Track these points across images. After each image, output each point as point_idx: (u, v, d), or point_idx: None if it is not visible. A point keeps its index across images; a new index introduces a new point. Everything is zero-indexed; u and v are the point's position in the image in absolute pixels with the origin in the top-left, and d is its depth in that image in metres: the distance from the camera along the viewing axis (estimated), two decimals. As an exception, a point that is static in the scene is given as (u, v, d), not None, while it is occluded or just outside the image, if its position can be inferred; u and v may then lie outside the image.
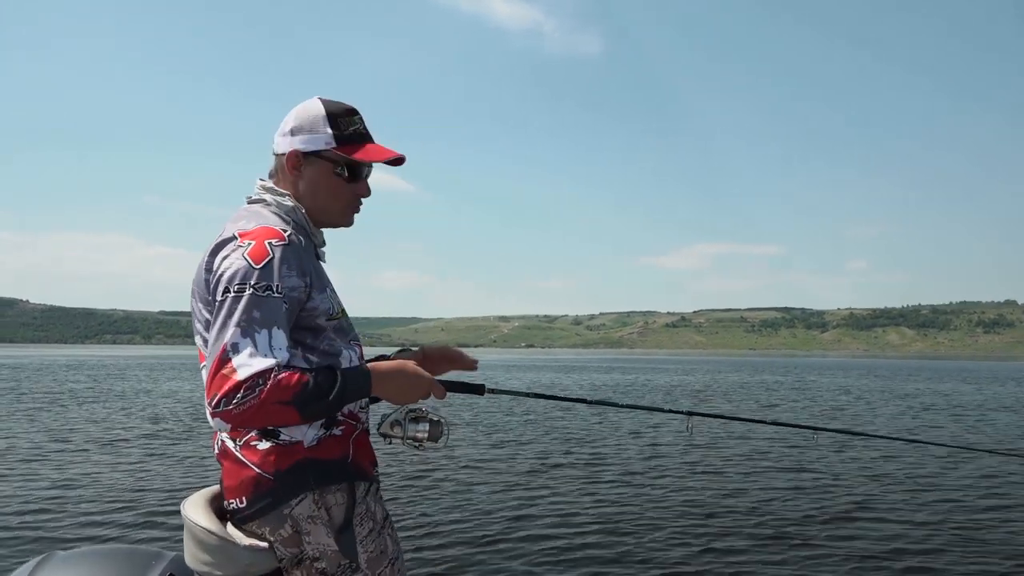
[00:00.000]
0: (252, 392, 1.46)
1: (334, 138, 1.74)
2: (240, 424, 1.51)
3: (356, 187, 1.80)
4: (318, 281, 1.69)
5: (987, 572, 4.58)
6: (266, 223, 1.65)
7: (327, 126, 1.73)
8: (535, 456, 7.90)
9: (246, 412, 1.47)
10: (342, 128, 1.75)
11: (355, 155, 1.75)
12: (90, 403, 17.72)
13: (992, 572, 4.58)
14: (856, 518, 5.68)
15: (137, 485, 7.37)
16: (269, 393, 1.47)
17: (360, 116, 1.80)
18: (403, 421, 1.76)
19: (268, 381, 1.47)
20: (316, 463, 1.63)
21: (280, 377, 1.48)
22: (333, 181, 1.76)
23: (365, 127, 1.80)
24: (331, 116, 1.74)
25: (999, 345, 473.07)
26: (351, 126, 1.76)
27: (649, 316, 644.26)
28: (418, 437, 1.76)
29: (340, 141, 1.74)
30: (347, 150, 1.74)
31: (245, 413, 1.47)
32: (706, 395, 23.01)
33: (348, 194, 1.79)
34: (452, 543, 5.03)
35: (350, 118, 1.77)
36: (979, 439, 11.70)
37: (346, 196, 1.79)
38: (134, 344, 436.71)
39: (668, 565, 4.62)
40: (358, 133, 1.77)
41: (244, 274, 1.54)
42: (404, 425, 1.76)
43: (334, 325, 1.73)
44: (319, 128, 1.73)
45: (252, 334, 1.51)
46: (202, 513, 1.69)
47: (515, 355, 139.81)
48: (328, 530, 1.63)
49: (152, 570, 1.82)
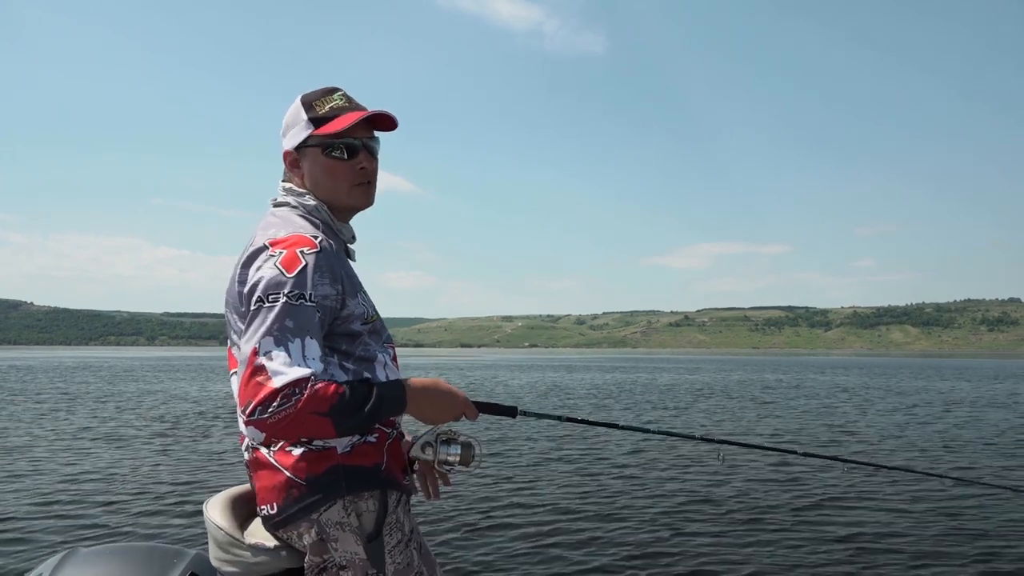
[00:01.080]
0: (288, 401, 1.41)
1: (311, 122, 1.70)
2: (275, 434, 1.46)
3: (355, 162, 1.73)
4: (351, 286, 1.65)
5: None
6: (297, 230, 1.61)
7: (303, 114, 1.71)
8: (559, 474, 7.56)
9: (281, 422, 1.41)
10: (317, 110, 1.71)
11: (328, 128, 1.69)
12: (104, 403, 17.99)
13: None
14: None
15: (159, 483, 7.42)
16: (306, 403, 1.42)
17: (341, 92, 1.76)
18: (435, 443, 1.71)
19: (305, 390, 1.42)
20: (350, 469, 1.60)
21: (317, 387, 1.44)
22: (326, 163, 1.72)
23: (349, 100, 1.75)
24: (306, 103, 1.72)
25: (1003, 343, 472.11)
26: (328, 104, 1.72)
27: (652, 316, 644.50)
28: (449, 460, 1.70)
29: (317, 123, 1.70)
30: (325, 128, 1.70)
31: (280, 423, 1.41)
32: (706, 393, 23.27)
33: (347, 171, 1.72)
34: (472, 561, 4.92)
35: (326, 98, 1.73)
36: (969, 434, 12.09)
37: (345, 174, 1.72)
38: (138, 346, 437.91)
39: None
40: (335, 109, 1.71)
41: (277, 283, 1.51)
42: (436, 447, 1.70)
43: (369, 328, 1.71)
44: (299, 119, 1.72)
45: (286, 343, 1.47)
46: (221, 513, 1.71)
47: (519, 355, 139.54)
48: (357, 538, 1.59)
49: (174, 568, 1.85)
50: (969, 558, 4.96)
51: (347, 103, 1.73)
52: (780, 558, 4.95)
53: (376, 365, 1.71)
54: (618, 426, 2.18)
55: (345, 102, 1.73)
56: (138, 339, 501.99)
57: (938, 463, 8.98)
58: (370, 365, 1.69)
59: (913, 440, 11.16)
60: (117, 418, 14.03)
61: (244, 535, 1.68)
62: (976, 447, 10.36)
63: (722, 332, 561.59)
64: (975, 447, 10.36)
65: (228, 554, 1.65)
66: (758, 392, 23.13)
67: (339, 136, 1.70)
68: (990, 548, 5.17)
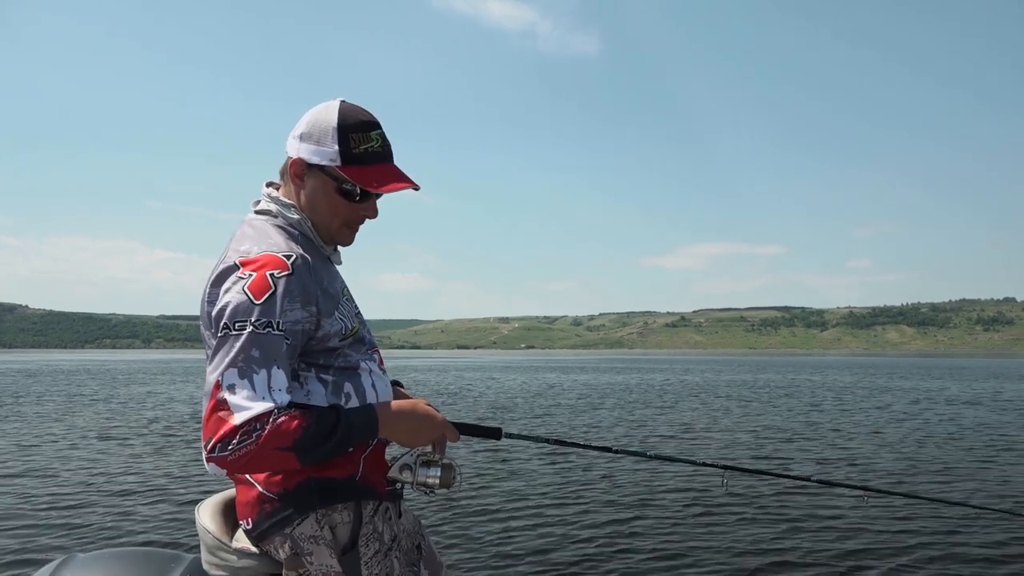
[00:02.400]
0: (249, 437, 1.38)
1: (340, 155, 1.60)
2: (236, 471, 1.42)
3: (361, 208, 1.68)
4: (328, 303, 1.59)
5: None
6: (270, 248, 1.54)
7: (335, 141, 1.60)
8: (546, 492, 7.27)
9: (242, 458, 1.38)
10: (352, 145, 1.60)
11: (359, 179, 1.61)
12: (101, 406, 18.06)
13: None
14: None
15: (156, 487, 7.41)
16: (268, 439, 1.38)
17: (379, 132, 1.66)
18: (413, 465, 1.68)
19: (266, 426, 1.39)
20: (321, 482, 1.57)
21: (279, 421, 1.40)
22: (334, 199, 1.64)
23: (383, 144, 1.66)
24: (342, 130, 1.60)
25: (999, 342, 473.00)
26: (364, 144, 1.62)
27: (649, 316, 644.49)
28: (429, 483, 1.67)
29: (347, 159, 1.60)
30: (353, 171, 1.61)
31: (241, 459, 1.38)
32: (703, 395, 23.43)
33: (349, 214, 1.67)
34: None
35: (364, 134, 1.62)
36: (947, 429, 12.36)
37: (345, 215, 1.66)
38: (134, 348, 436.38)
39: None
40: (370, 152, 1.62)
41: (245, 310, 1.45)
42: (415, 470, 1.68)
43: (349, 342, 1.66)
44: (327, 141, 1.60)
45: (251, 375, 1.42)
46: (211, 517, 1.71)
47: (515, 356, 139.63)
48: (331, 551, 1.57)
49: (171, 572, 1.84)
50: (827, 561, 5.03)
51: (381, 147, 1.65)
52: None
53: (360, 373, 1.67)
54: (611, 450, 2.10)
55: (380, 146, 1.65)
56: (134, 342, 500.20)
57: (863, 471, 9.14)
58: (353, 374, 1.66)
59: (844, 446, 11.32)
60: (113, 421, 14.09)
61: (233, 539, 1.68)
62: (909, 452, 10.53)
63: (718, 333, 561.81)
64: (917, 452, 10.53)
65: (216, 558, 1.66)
66: (746, 392, 23.32)
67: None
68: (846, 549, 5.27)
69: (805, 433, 12.21)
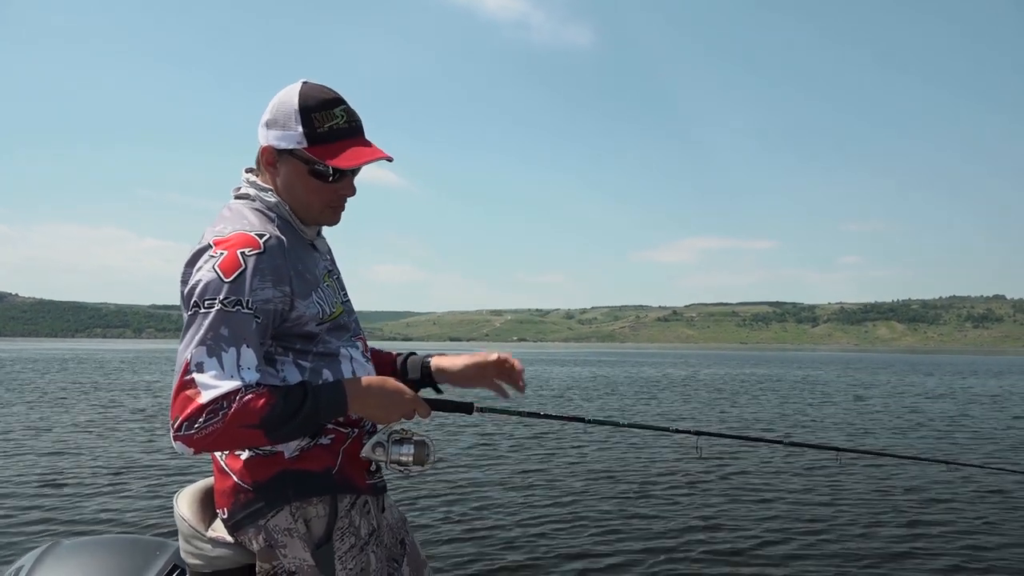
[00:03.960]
0: (215, 416, 1.38)
1: (305, 136, 1.58)
2: (203, 449, 1.41)
3: (337, 187, 1.64)
4: (302, 286, 1.57)
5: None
6: (243, 228, 1.53)
7: (298, 123, 1.58)
8: (522, 468, 7.36)
9: (208, 437, 1.38)
10: (316, 125, 1.58)
11: (326, 159, 1.58)
12: (91, 394, 18.10)
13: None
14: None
15: (144, 476, 7.43)
16: (234, 416, 1.38)
17: (344, 107, 1.62)
18: (386, 443, 1.65)
19: (233, 404, 1.39)
20: (297, 474, 1.57)
21: (246, 399, 1.40)
22: (309, 182, 1.61)
23: (349, 119, 1.62)
24: (304, 111, 1.58)
25: (987, 339, 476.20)
26: (328, 122, 1.59)
27: (641, 310, 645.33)
28: (402, 460, 1.64)
29: (312, 140, 1.58)
30: (319, 151, 1.58)
31: (208, 438, 1.38)
32: (692, 386, 23.66)
33: (328, 194, 1.63)
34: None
35: (326, 112, 1.59)
36: (922, 419, 12.58)
37: (325, 196, 1.63)
38: (125, 338, 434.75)
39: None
40: (335, 130, 1.59)
41: (214, 288, 1.44)
42: (387, 447, 1.64)
43: (328, 327, 1.64)
44: (291, 124, 1.58)
45: (219, 352, 1.42)
46: (188, 506, 1.70)
47: (507, 349, 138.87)
48: (305, 544, 1.56)
49: (156, 560, 1.84)
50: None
51: (347, 123, 1.62)
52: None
53: (340, 360, 1.66)
54: (585, 420, 2.04)
55: (345, 121, 1.61)
56: (125, 331, 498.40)
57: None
58: (332, 360, 1.65)
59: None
60: (101, 410, 14.13)
61: (209, 528, 1.67)
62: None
63: (710, 327, 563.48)
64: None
65: (191, 546, 1.65)
66: (727, 383, 23.57)
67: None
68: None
69: (771, 420, 12.43)
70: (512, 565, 4.70)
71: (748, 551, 4.97)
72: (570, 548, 5.06)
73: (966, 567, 4.69)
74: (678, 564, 4.67)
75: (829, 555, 4.83)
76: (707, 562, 4.74)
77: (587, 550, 5.01)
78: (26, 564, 1.80)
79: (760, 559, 4.78)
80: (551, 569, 4.66)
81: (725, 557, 4.80)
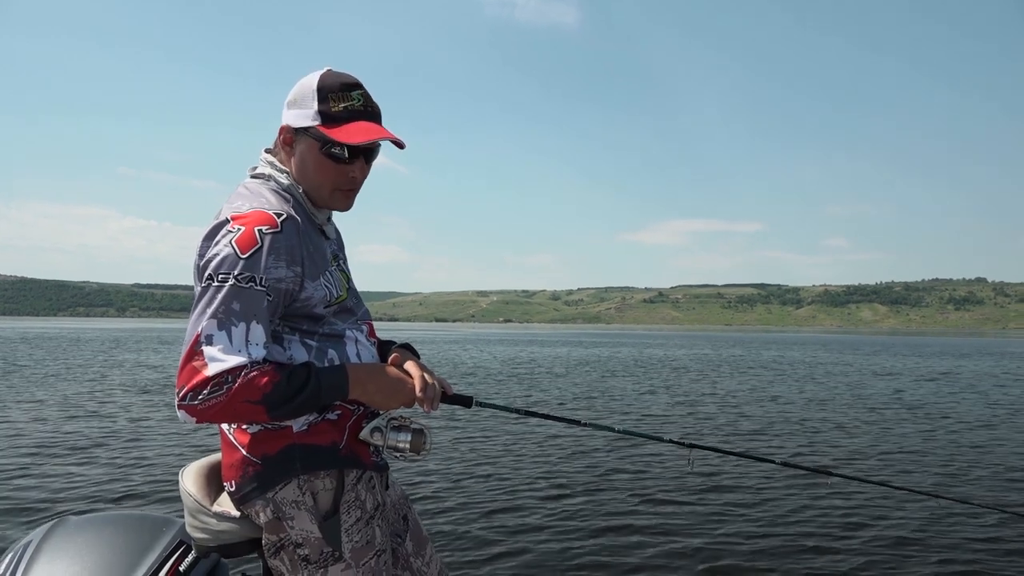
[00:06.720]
0: (220, 389, 1.42)
1: (319, 115, 1.62)
2: (205, 420, 1.45)
3: (348, 168, 1.66)
4: (312, 267, 1.61)
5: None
6: (261, 206, 1.57)
7: (314, 101, 1.63)
8: (517, 468, 7.16)
9: (211, 409, 1.43)
10: (331, 104, 1.62)
11: (335, 135, 1.61)
12: (88, 372, 18.01)
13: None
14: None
15: (147, 452, 7.40)
16: (238, 391, 1.43)
17: (362, 92, 1.66)
18: (384, 428, 1.68)
19: (238, 379, 1.43)
20: (305, 448, 1.60)
21: (251, 376, 1.44)
22: (320, 160, 1.65)
23: (367, 103, 1.67)
24: (321, 91, 1.63)
25: (968, 322, 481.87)
26: (343, 103, 1.63)
27: (627, 292, 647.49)
28: (399, 447, 1.67)
29: (326, 119, 1.62)
30: (333, 130, 1.61)
31: (210, 410, 1.43)
32: (672, 370, 23.96)
33: (336, 175, 1.66)
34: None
35: (343, 94, 1.64)
36: (870, 398, 12.98)
37: (333, 177, 1.66)
38: (108, 317, 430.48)
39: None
40: (350, 111, 1.63)
41: (229, 263, 1.48)
42: (385, 433, 1.68)
43: (336, 309, 1.68)
44: (308, 103, 1.63)
45: (229, 327, 1.46)
46: (193, 481, 1.73)
47: (493, 330, 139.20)
48: (312, 516, 1.60)
49: (163, 536, 1.88)
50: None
51: (363, 107, 1.66)
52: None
53: (346, 342, 1.70)
54: (579, 423, 2.10)
55: (361, 105, 1.66)
56: (108, 310, 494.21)
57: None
58: (338, 341, 1.69)
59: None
60: (101, 388, 14.11)
61: (214, 503, 1.70)
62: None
63: (695, 309, 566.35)
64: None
65: (197, 521, 1.68)
66: (703, 365, 23.94)
67: (345, 143, 1.64)
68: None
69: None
70: (512, 549, 4.70)
71: (738, 554, 4.84)
72: (563, 534, 5.11)
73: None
74: (675, 558, 4.59)
75: (819, 564, 4.55)
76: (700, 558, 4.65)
77: (578, 538, 5.06)
78: (34, 540, 1.85)
79: (751, 565, 4.58)
80: (545, 553, 4.66)
81: (709, 562, 4.58)
